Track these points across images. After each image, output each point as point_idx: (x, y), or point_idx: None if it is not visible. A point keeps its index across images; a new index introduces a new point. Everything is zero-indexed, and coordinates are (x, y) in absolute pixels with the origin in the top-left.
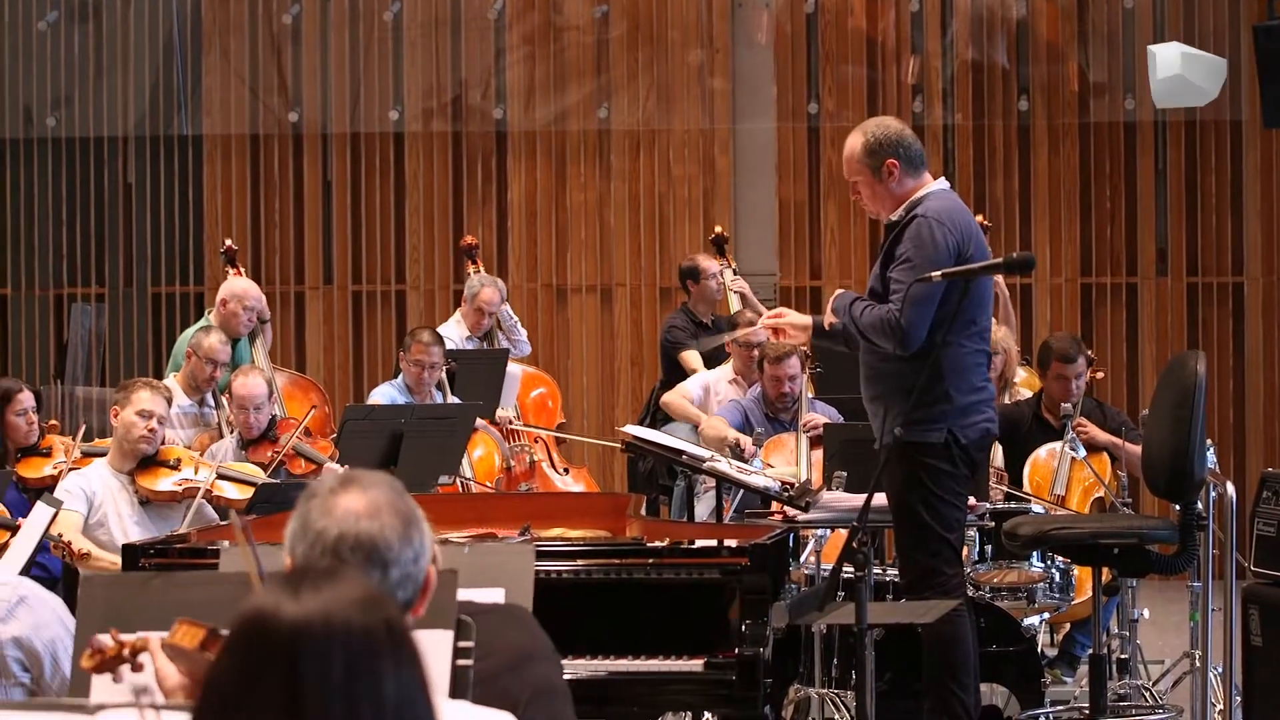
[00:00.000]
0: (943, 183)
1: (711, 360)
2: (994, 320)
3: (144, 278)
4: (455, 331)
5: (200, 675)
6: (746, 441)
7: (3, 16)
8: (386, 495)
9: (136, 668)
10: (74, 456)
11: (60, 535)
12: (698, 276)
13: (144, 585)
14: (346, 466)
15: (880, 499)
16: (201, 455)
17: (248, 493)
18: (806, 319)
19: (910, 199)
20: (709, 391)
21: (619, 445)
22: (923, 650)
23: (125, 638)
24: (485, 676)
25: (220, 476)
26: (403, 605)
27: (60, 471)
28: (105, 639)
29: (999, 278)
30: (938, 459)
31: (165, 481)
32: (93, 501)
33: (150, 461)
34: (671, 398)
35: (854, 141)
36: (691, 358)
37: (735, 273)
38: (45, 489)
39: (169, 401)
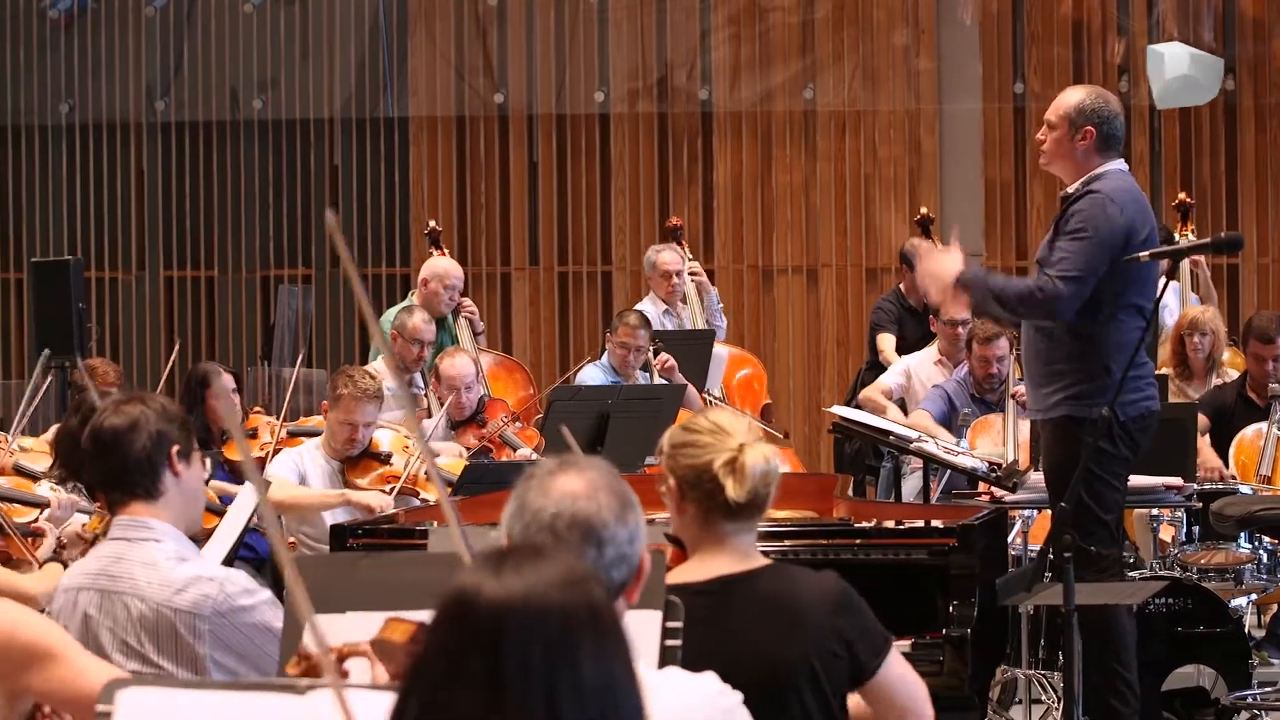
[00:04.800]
0: (1122, 164)
1: (919, 342)
2: (1198, 300)
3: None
4: (649, 309)
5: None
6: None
7: None
8: (604, 477)
9: (343, 674)
10: (280, 437)
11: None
12: (912, 264)
13: (352, 566)
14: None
15: None
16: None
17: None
18: (950, 270)
19: (1089, 174)
20: (910, 375)
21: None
22: (1082, 631)
23: (334, 644)
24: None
25: (428, 476)
26: (618, 586)
27: (266, 451)
28: (314, 645)
29: (1199, 257)
30: (1093, 436)
31: (373, 476)
32: (304, 480)
33: (360, 454)
34: (867, 393)
35: (1074, 95)
36: (885, 341)
37: None
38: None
39: (379, 400)
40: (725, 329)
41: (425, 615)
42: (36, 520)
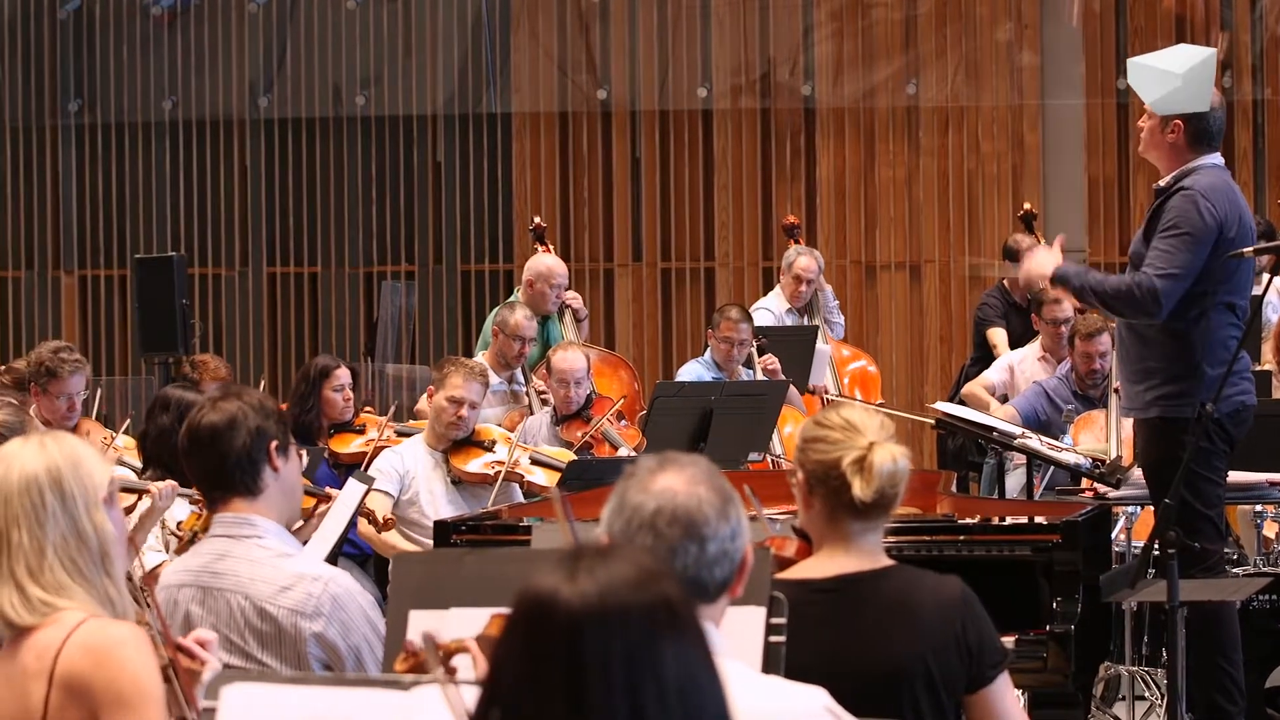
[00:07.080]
0: (1217, 158)
1: (1023, 338)
2: None
3: (453, 255)
4: (775, 304)
5: None
6: None
7: None
8: (705, 473)
9: (450, 671)
10: (386, 435)
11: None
12: (1015, 258)
13: (456, 562)
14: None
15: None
16: (513, 433)
17: (555, 478)
18: (1048, 266)
19: (1182, 169)
20: (1014, 371)
21: (930, 421)
22: (1187, 628)
23: (441, 640)
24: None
25: (532, 461)
26: (720, 583)
27: (371, 446)
28: (420, 642)
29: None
30: (1194, 435)
31: (477, 463)
32: (405, 480)
33: (465, 442)
34: (970, 388)
35: None
36: (997, 335)
37: None
38: (355, 465)
39: (485, 384)
40: (843, 326)
41: None
42: (134, 506)
